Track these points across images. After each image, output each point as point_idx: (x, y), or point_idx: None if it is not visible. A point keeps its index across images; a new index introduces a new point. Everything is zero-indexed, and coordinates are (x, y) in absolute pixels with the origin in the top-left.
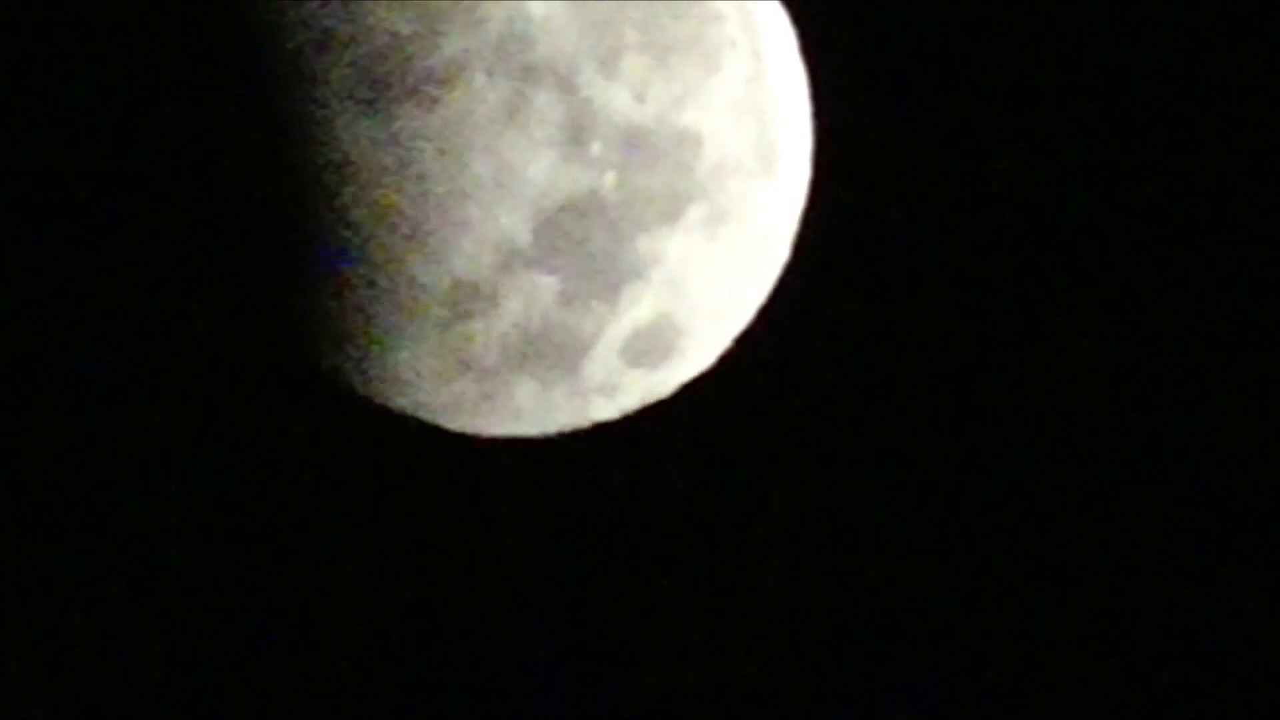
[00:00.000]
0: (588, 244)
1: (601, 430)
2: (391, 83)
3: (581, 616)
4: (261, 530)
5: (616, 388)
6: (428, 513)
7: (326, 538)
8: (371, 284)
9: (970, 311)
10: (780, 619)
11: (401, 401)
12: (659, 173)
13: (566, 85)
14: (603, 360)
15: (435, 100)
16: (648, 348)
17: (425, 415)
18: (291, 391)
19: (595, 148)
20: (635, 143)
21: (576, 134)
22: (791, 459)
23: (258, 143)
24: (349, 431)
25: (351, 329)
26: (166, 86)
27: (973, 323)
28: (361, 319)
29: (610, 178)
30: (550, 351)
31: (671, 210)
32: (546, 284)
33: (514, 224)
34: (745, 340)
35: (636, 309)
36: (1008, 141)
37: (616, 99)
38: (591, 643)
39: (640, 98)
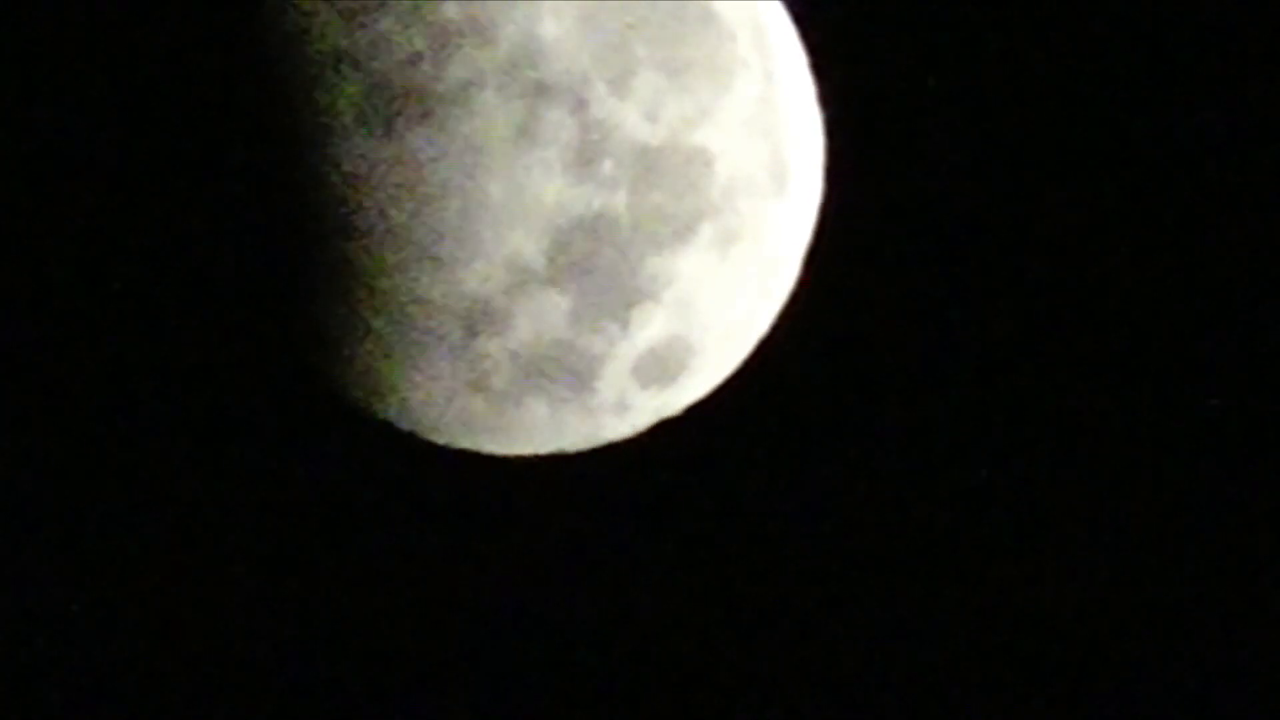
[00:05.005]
0: (599, 263)
1: (613, 450)
2: (403, 102)
3: (594, 636)
4: (270, 547)
5: (628, 407)
6: (439, 532)
7: (336, 556)
8: (383, 304)
9: (982, 328)
10: (790, 634)
11: (412, 421)
12: (670, 192)
13: (578, 104)
14: (614, 380)
15: (446, 120)
16: (659, 367)
17: (436, 435)
18: (302, 410)
19: (607, 167)
20: (647, 162)
21: (588, 153)
22: (803, 477)
23: (270, 163)
24: (360, 451)
25: (363, 349)
26: (180, 106)
27: (984, 339)
28: (373, 339)
29: (621, 197)
30: (561, 371)
31: (683, 230)
32: (558, 303)
33: (525, 244)
34: (756, 359)
35: (648, 329)
36: (1019, 158)
37: (628, 118)
38: (602, 661)
39: (652, 117)
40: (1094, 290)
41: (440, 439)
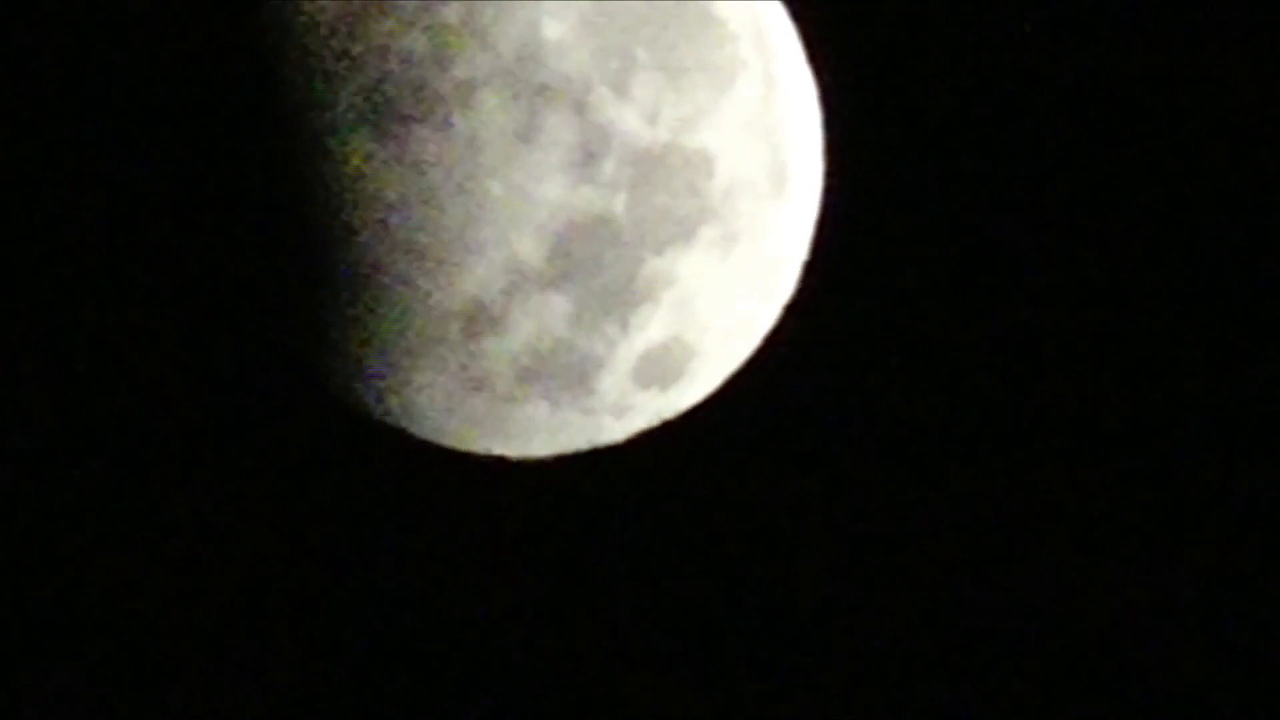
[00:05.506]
0: (599, 265)
1: (612, 451)
2: (403, 104)
3: (594, 637)
4: (269, 548)
5: (627, 409)
6: (438, 534)
7: (336, 558)
8: (383, 305)
9: (982, 329)
10: (791, 635)
11: (412, 422)
12: (670, 194)
13: (578, 106)
14: (614, 381)
15: (447, 122)
16: (659, 369)
17: (436, 436)
18: (302, 412)
19: (607, 169)
20: (647, 164)
21: (588, 155)
22: (803, 479)
23: (270, 163)
24: (359, 452)
25: (363, 350)
26: (180, 106)
27: (984, 340)
28: (373, 340)
29: (621, 199)
30: (561, 372)
31: (683, 231)
32: (558, 305)
33: (525, 245)
34: (756, 361)
35: (648, 330)
36: (1019, 159)
37: (628, 120)
38: (602, 662)
39: (652, 119)
40: (1094, 290)
41: (440, 440)
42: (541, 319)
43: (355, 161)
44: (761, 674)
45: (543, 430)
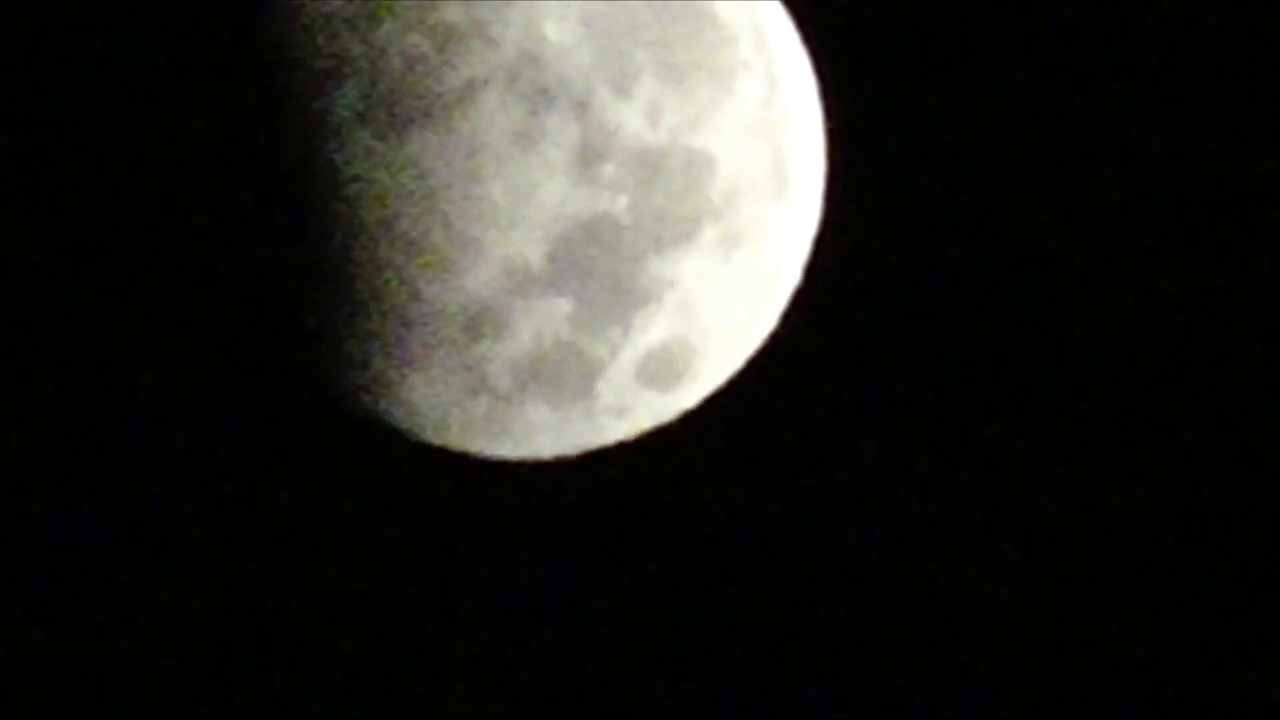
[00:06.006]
0: (601, 266)
1: (614, 452)
2: (405, 105)
3: (595, 638)
4: (269, 549)
5: (629, 410)
6: (440, 535)
7: (338, 560)
8: (384, 307)
9: (983, 330)
10: (792, 636)
11: (414, 424)
12: (672, 195)
13: (580, 107)
14: (616, 382)
15: (448, 123)
16: (661, 370)
17: (438, 438)
18: (303, 414)
19: (608, 170)
20: (648, 165)
21: (590, 156)
22: (804, 479)
23: (273, 165)
24: (361, 454)
25: (364, 351)
26: (183, 108)
27: (985, 341)
28: (374, 341)
29: (623, 200)
30: (563, 374)
31: (685, 233)
32: (560, 306)
33: (527, 246)
34: (758, 362)
35: (649, 331)
36: (1020, 160)
37: (630, 121)
38: (600, 663)
39: (654, 120)
40: (1094, 291)
41: (441, 441)
42: (543, 320)
43: (356, 162)
44: (761, 673)
45: (544, 432)
